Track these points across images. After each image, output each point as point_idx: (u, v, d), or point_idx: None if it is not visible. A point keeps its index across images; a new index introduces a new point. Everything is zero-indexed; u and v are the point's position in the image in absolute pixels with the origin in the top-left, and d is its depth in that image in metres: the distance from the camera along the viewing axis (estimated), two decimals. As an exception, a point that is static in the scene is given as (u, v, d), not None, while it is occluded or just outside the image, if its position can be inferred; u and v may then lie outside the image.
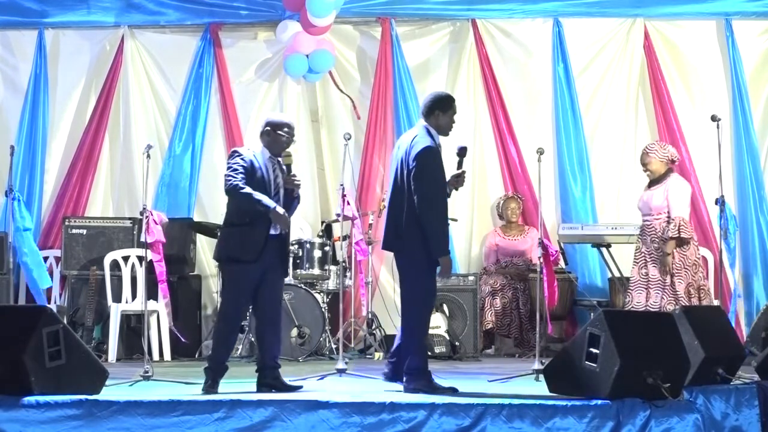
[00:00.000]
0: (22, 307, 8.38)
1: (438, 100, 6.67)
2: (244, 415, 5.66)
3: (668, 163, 8.37)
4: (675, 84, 10.33)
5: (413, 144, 6.52)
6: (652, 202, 8.31)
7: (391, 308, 9.85)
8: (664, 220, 8.24)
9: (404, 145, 6.63)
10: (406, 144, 6.62)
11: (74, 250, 9.69)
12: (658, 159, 8.36)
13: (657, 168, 8.36)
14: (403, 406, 5.67)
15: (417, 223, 6.44)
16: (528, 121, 10.39)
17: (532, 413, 5.61)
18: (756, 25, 10.33)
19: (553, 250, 7.90)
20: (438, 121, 6.61)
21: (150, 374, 6.95)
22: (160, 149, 10.30)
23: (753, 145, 10.14)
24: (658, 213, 8.28)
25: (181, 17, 10.46)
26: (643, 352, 5.69)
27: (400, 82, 10.31)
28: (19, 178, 9.98)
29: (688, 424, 5.64)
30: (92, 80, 10.48)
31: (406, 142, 6.64)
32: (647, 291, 8.25)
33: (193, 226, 10.03)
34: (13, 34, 10.47)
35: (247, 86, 10.53)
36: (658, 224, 8.26)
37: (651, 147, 8.48)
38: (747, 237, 9.98)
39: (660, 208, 8.28)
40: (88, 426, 5.61)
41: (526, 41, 10.46)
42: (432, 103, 6.64)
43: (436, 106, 6.62)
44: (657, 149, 8.43)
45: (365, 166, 10.25)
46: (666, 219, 8.23)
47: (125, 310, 9.32)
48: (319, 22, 9.90)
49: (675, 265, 8.18)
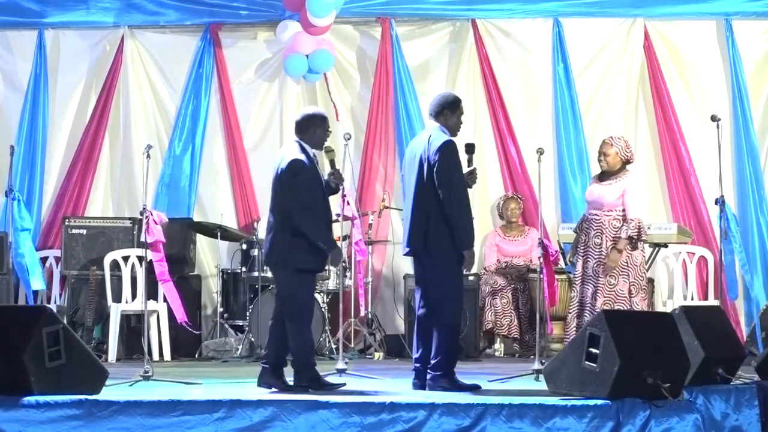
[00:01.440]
0: (22, 307, 8.38)
1: (447, 101, 6.80)
2: (244, 415, 5.66)
3: (625, 161, 8.35)
4: (675, 84, 10.33)
5: (431, 141, 6.62)
6: (606, 197, 8.26)
7: (391, 308, 9.87)
8: (614, 218, 8.21)
9: (420, 146, 6.70)
10: (422, 144, 6.69)
11: (74, 250, 9.70)
12: (619, 154, 8.34)
13: (614, 162, 8.32)
14: (403, 406, 5.67)
15: (444, 221, 6.54)
16: (528, 121, 10.38)
17: (532, 413, 5.61)
18: (756, 25, 10.33)
19: (553, 250, 7.91)
20: (447, 121, 6.75)
21: (150, 374, 6.95)
22: (160, 149, 10.30)
23: (753, 145, 10.13)
24: (610, 210, 8.24)
25: (181, 17, 10.46)
26: (643, 352, 5.69)
27: (400, 82, 10.31)
28: (19, 178, 9.98)
29: (688, 424, 5.64)
30: (92, 80, 10.49)
31: (422, 142, 6.71)
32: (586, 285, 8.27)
33: (193, 226, 10.04)
34: (13, 34, 10.47)
35: (247, 86, 10.53)
36: (607, 221, 8.21)
37: (617, 140, 8.43)
38: (747, 237, 9.97)
39: (613, 206, 8.23)
40: (88, 426, 5.61)
41: (526, 41, 10.46)
42: (441, 104, 6.77)
43: (445, 107, 6.76)
44: (622, 145, 8.38)
45: (365, 166, 10.25)
46: (618, 217, 8.21)
47: (125, 310, 9.32)
48: (319, 22, 9.90)
49: (621, 263, 8.17)
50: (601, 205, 8.25)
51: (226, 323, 9.68)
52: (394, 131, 10.34)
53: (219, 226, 9.81)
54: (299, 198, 6.47)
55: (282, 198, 6.54)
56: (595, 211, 8.26)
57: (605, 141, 8.40)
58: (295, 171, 6.48)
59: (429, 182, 6.58)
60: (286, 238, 6.52)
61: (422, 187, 6.62)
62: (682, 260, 9.94)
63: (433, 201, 6.56)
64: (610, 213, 8.20)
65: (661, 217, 10.15)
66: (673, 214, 10.16)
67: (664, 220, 10.01)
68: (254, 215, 10.21)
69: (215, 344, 9.49)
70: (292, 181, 6.48)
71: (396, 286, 10.17)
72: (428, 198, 6.58)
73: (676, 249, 9.82)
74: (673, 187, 10.20)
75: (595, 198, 8.29)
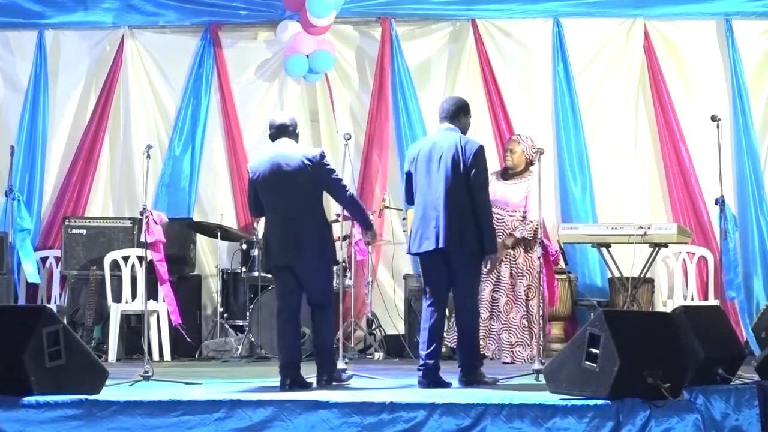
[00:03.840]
0: (22, 307, 8.38)
1: (462, 104, 7.12)
2: (244, 415, 5.66)
3: (529, 161, 8.38)
4: (675, 84, 10.33)
5: (464, 144, 6.84)
6: (512, 198, 8.36)
7: (391, 308, 9.86)
8: (517, 219, 8.30)
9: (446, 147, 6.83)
10: (448, 145, 6.82)
11: (74, 250, 9.70)
12: (525, 152, 8.37)
13: (519, 161, 8.43)
14: (403, 406, 5.67)
15: (474, 221, 6.76)
16: (528, 121, 10.37)
17: (532, 413, 5.61)
18: (756, 25, 10.33)
19: (553, 250, 7.92)
20: (462, 123, 7.02)
21: (150, 374, 6.95)
22: (160, 149, 10.30)
23: (753, 145, 10.13)
24: (514, 210, 8.35)
25: (180, 17, 10.46)
26: (643, 352, 5.69)
27: (400, 82, 10.31)
28: (19, 178, 9.98)
29: (688, 424, 5.63)
30: (92, 80, 10.49)
31: (447, 143, 6.84)
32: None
33: (193, 226, 10.04)
34: (13, 34, 10.47)
35: (247, 86, 10.53)
36: (510, 221, 8.34)
37: (524, 139, 8.48)
38: (747, 237, 9.98)
39: (518, 206, 8.34)
40: (88, 426, 5.60)
41: (526, 41, 10.46)
42: (457, 107, 7.05)
43: (460, 110, 7.04)
44: (529, 144, 8.42)
45: (365, 166, 10.25)
46: (520, 218, 8.28)
47: (125, 310, 9.32)
48: (319, 22, 9.90)
49: (518, 264, 8.30)
50: (505, 204, 8.39)
51: (226, 323, 9.68)
52: (394, 131, 10.34)
53: (219, 226, 9.82)
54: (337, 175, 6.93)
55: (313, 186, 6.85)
56: (498, 211, 8.30)
57: (513, 138, 8.63)
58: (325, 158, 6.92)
59: (462, 183, 6.76)
60: (323, 230, 6.88)
61: (454, 188, 6.77)
62: (682, 260, 9.94)
63: (465, 202, 6.76)
64: (514, 213, 8.38)
65: (661, 217, 10.15)
66: (673, 214, 10.17)
67: (664, 220, 10.01)
68: (254, 215, 10.21)
69: (215, 344, 9.49)
70: (327, 166, 6.88)
71: (396, 286, 10.17)
72: (460, 198, 6.76)
73: (676, 249, 9.81)
74: (673, 187, 10.20)
75: (498, 198, 8.33)
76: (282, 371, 6.73)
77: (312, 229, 6.81)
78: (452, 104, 7.05)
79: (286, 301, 6.89)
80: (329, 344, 7.01)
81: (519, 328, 8.45)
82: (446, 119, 6.98)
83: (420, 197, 6.91)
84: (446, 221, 6.74)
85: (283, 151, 6.88)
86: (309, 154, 6.87)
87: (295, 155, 6.84)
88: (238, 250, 9.83)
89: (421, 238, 6.86)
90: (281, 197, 6.81)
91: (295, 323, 6.87)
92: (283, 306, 6.88)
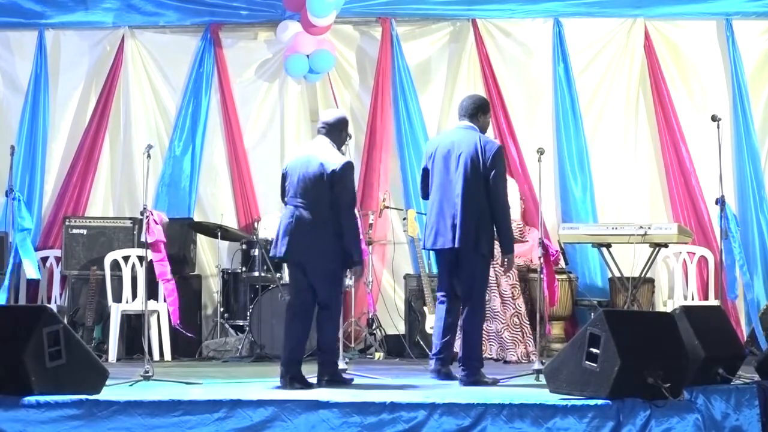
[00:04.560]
0: (22, 307, 8.37)
1: (482, 103, 7.16)
2: (245, 415, 5.66)
3: None
4: (675, 84, 10.33)
5: (484, 144, 6.88)
6: None
7: (391, 308, 9.85)
8: None
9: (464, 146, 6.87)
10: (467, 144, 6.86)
11: (74, 250, 9.70)
12: None
13: None
14: (403, 406, 5.67)
15: (492, 221, 6.83)
16: (528, 121, 10.39)
17: (532, 413, 5.62)
18: (756, 25, 10.33)
19: (554, 250, 7.91)
20: (480, 122, 7.06)
21: (150, 374, 6.95)
22: (160, 149, 10.30)
23: (753, 145, 10.13)
24: None
25: (181, 17, 10.46)
26: (643, 352, 5.69)
27: (401, 82, 10.31)
28: (19, 178, 9.99)
29: (688, 424, 5.64)
30: (92, 80, 10.49)
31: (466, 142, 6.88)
32: None
33: (193, 226, 10.04)
34: (13, 34, 10.47)
35: (247, 86, 10.53)
36: None
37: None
38: (747, 237, 9.97)
39: None
40: (89, 426, 5.61)
41: (526, 41, 10.46)
42: (477, 105, 7.10)
43: (480, 109, 7.09)
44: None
45: (365, 166, 10.24)
46: None
47: (125, 310, 9.32)
48: (320, 22, 9.90)
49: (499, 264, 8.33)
50: None
51: (227, 323, 9.68)
52: (395, 131, 10.34)
53: (219, 226, 9.81)
54: (351, 196, 6.83)
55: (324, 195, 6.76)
56: None
57: None
58: (350, 171, 6.81)
59: (480, 183, 6.80)
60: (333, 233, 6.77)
61: (473, 188, 6.82)
62: (682, 260, 9.94)
63: (482, 202, 6.81)
64: None
65: (661, 217, 10.15)
66: (674, 214, 10.17)
67: (664, 220, 10.01)
68: (254, 215, 10.21)
69: (215, 344, 9.49)
70: (345, 179, 6.77)
71: (396, 286, 10.17)
72: (478, 198, 6.81)
73: (676, 249, 9.81)
74: (673, 187, 10.20)
75: None
76: (283, 366, 6.75)
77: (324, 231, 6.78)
78: (472, 102, 7.11)
79: (294, 298, 6.95)
80: (332, 344, 7.00)
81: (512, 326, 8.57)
82: (465, 117, 7.05)
83: (435, 194, 6.98)
84: (462, 221, 6.80)
85: (310, 152, 6.96)
86: (328, 162, 6.79)
87: (316, 159, 6.84)
88: (239, 250, 9.83)
89: (436, 234, 6.94)
90: (295, 194, 6.86)
91: (302, 321, 6.84)
92: (291, 303, 6.96)
